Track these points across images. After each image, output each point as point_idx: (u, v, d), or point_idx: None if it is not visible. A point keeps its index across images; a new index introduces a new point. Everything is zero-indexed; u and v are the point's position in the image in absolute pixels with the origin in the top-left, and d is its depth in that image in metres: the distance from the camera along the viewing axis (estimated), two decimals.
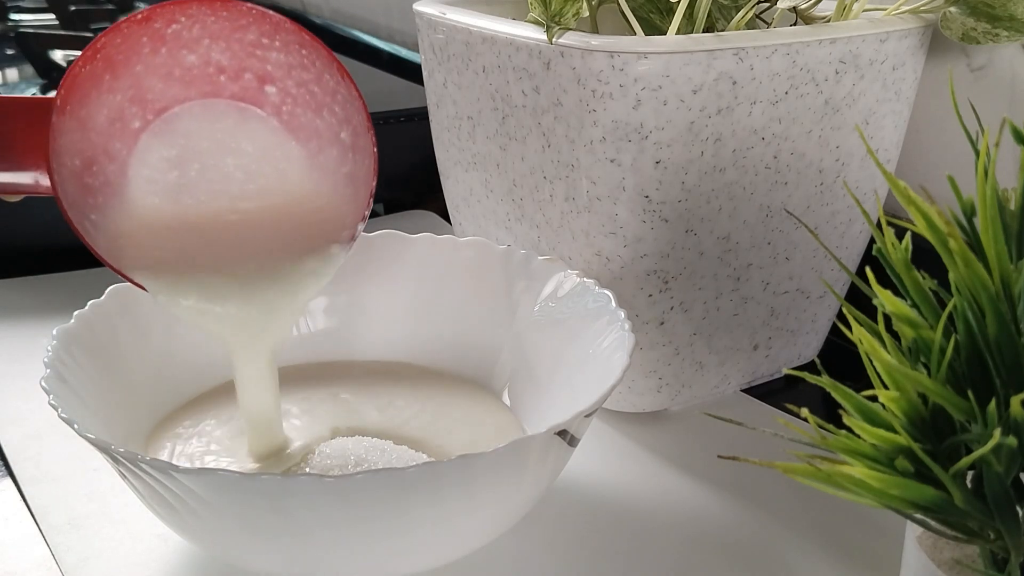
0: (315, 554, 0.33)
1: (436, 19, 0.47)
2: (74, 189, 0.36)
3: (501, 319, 0.45)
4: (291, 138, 0.39)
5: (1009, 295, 0.24)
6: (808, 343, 0.50)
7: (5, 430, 0.46)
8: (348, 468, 0.38)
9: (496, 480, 0.33)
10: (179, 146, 0.38)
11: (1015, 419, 0.22)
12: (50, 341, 0.38)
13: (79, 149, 0.36)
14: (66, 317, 0.40)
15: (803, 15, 0.45)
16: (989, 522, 0.24)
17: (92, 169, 0.37)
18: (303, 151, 0.39)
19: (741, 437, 0.44)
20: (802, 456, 0.24)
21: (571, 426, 0.34)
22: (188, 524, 0.33)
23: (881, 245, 0.26)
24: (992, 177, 0.24)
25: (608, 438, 0.45)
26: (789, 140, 0.42)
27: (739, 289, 0.45)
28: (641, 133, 0.40)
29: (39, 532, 0.39)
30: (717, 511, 0.41)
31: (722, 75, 0.39)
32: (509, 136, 0.45)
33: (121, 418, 0.39)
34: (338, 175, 0.39)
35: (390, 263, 0.47)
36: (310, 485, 0.30)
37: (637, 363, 0.45)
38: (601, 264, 0.43)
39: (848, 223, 0.47)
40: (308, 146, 0.39)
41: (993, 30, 0.42)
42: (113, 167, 0.37)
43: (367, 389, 0.45)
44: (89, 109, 0.36)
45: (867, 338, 0.24)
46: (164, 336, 0.43)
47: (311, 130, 0.39)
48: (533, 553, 0.38)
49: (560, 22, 0.40)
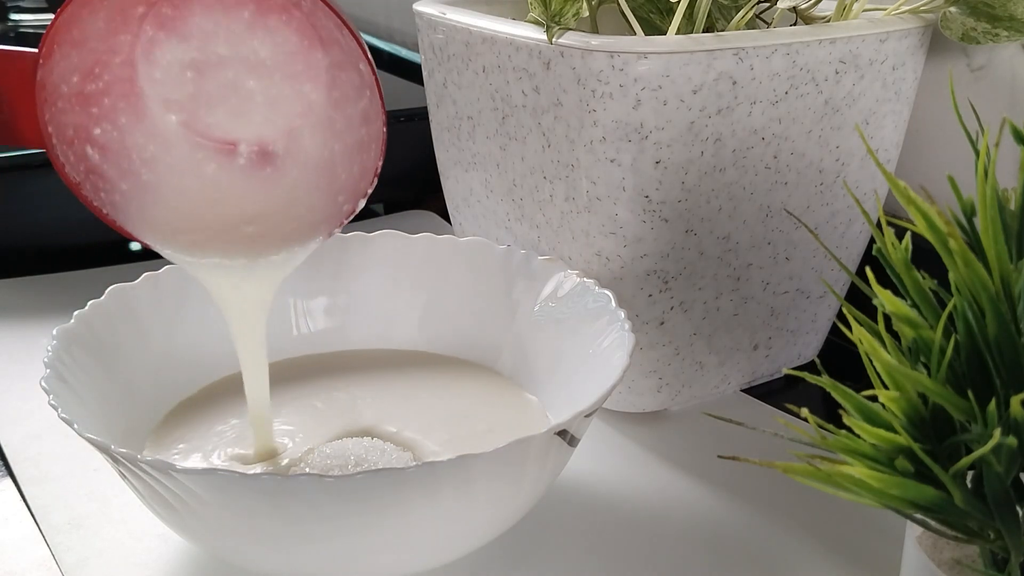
0: (315, 554, 0.33)
1: (436, 19, 0.47)
2: (74, 115, 0.34)
3: (501, 319, 0.45)
4: (316, 46, 0.35)
5: (1009, 295, 0.24)
6: (808, 343, 0.50)
7: (5, 430, 0.46)
8: (348, 468, 0.38)
9: (496, 480, 0.33)
10: (193, 48, 0.35)
11: (1015, 419, 0.22)
12: (50, 341, 0.38)
13: (76, 67, 0.34)
14: (66, 317, 0.40)
15: (803, 15, 0.45)
16: (989, 522, 0.24)
17: (94, 72, 0.34)
18: (326, 66, 0.36)
19: (741, 437, 0.44)
20: (802, 456, 0.24)
21: (571, 426, 0.34)
22: (188, 524, 0.33)
23: (881, 245, 0.26)
24: (992, 177, 0.24)
25: (608, 438, 0.45)
26: (789, 140, 0.42)
27: (739, 289, 0.45)
28: (641, 133, 0.40)
29: (39, 532, 0.39)
30: (717, 511, 0.41)
31: (722, 75, 0.39)
32: (509, 136, 0.45)
33: (121, 418, 0.39)
34: (355, 112, 0.36)
35: (390, 263, 0.47)
36: (310, 485, 0.30)
37: (637, 363, 0.45)
38: (601, 264, 0.43)
39: (848, 223, 0.47)
40: (331, 56, 0.35)
41: (993, 30, 0.42)
42: (119, 60, 0.35)
43: (367, 389, 0.45)
44: (82, 27, 0.34)
45: (867, 338, 0.24)
46: (164, 336, 0.43)
47: (332, 40, 0.35)
48: (533, 553, 0.38)
49: (560, 22, 0.40)
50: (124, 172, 0.36)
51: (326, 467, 0.38)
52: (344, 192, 0.37)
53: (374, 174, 0.37)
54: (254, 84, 0.35)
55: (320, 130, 0.37)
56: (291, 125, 0.36)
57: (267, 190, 0.37)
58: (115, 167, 0.36)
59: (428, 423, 0.42)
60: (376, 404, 0.43)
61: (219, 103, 0.36)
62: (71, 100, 0.35)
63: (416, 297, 0.47)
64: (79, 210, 0.36)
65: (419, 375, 0.46)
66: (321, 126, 0.36)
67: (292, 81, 0.36)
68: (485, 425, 0.42)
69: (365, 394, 0.44)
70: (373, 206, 0.74)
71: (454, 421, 0.42)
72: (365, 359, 0.47)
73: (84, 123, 0.35)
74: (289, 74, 0.36)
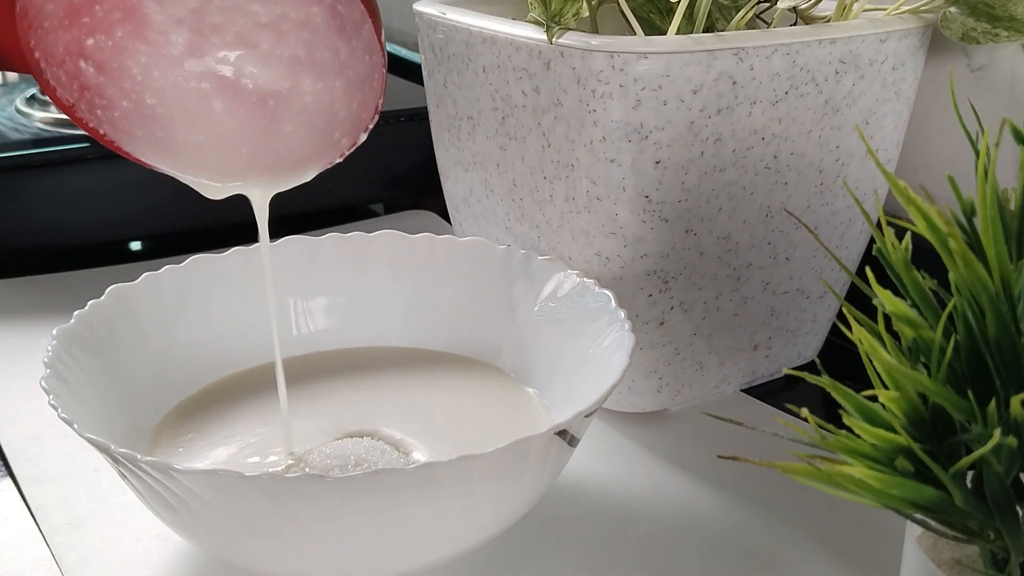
0: (315, 554, 0.33)
1: (436, 19, 0.47)
2: (64, 32, 0.33)
3: (501, 319, 0.45)
4: None
5: (1009, 295, 0.24)
6: (808, 343, 0.50)
7: (5, 430, 0.46)
8: (348, 468, 0.38)
9: (496, 480, 0.33)
10: None
11: (1015, 419, 0.22)
12: (50, 341, 0.38)
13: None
14: (66, 317, 0.40)
15: (803, 15, 0.45)
16: (989, 522, 0.24)
17: None
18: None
19: (741, 437, 0.44)
20: (802, 456, 0.24)
21: (571, 426, 0.34)
22: (188, 524, 0.33)
23: (881, 245, 0.26)
24: (992, 177, 0.24)
25: (608, 438, 0.45)
26: (789, 140, 0.42)
27: (739, 289, 0.45)
28: (641, 133, 0.40)
29: (39, 532, 0.39)
30: (717, 511, 0.41)
31: (722, 75, 0.39)
32: (509, 136, 0.45)
33: (121, 418, 0.39)
34: (359, 47, 0.36)
35: (390, 263, 0.47)
36: (310, 485, 0.30)
37: (637, 363, 0.45)
38: (601, 264, 0.43)
39: (848, 223, 0.47)
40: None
41: (993, 30, 0.42)
42: None
43: (366, 389, 0.45)
44: None
45: (867, 338, 0.24)
46: (164, 336, 0.43)
47: None
48: (533, 553, 0.38)
49: (560, 22, 0.40)
50: (124, 89, 0.35)
51: (326, 467, 0.38)
52: (343, 127, 0.37)
53: (375, 110, 0.37)
54: (257, 6, 0.35)
55: (324, 60, 0.36)
56: (296, 52, 0.36)
57: (272, 117, 0.36)
58: (113, 83, 0.35)
59: (428, 423, 0.42)
60: (376, 404, 0.43)
61: (223, 20, 0.35)
62: (59, 16, 0.33)
63: (416, 297, 0.47)
64: (79, 210, 0.36)
65: (419, 375, 0.46)
66: (326, 54, 0.36)
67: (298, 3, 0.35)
68: (485, 425, 0.42)
69: (364, 394, 0.44)
70: (373, 206, 0.74)
71: (454, 421, 0.42)
72: (365, 359, 0.47)
73: (76, 36, 0.34)
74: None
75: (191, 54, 0.35)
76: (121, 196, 0.61)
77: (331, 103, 0.36)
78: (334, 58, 0.36)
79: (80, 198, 0.61)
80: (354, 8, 0.35)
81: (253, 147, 0.37)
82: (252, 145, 0.37)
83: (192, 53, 0.35)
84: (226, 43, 0.35)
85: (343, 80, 0.36)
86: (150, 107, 0.36)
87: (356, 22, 0.36)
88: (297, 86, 0.36)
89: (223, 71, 0.35)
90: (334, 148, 0.37)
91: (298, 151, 0.37)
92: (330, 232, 0.48)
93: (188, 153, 0.37)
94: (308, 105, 0.36)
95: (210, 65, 0.35)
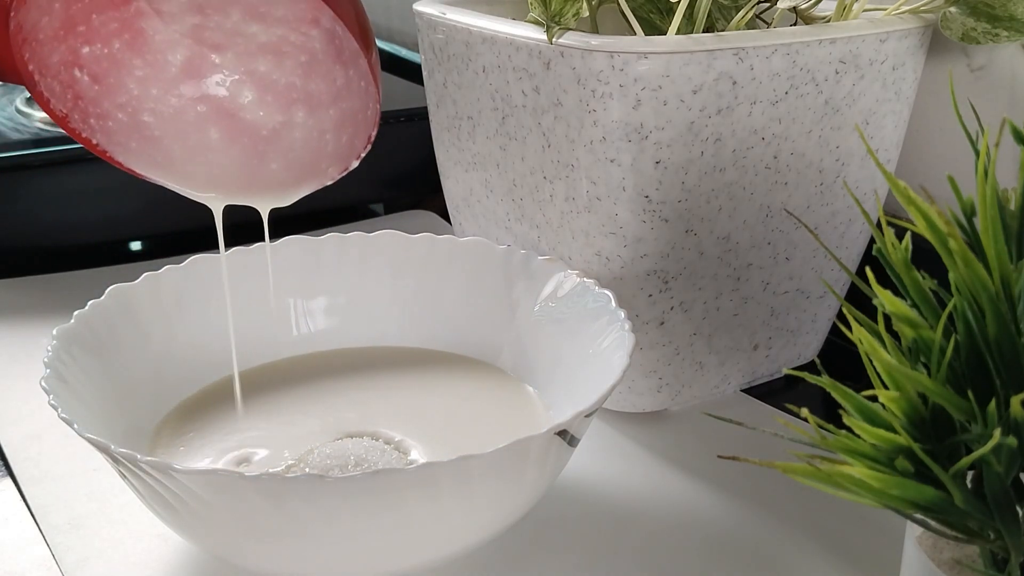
0: (315, 554, 0.33)
1: (436, 19, 0.47)
2: (59, 43, 0.33)
3: (501, 319, 0.45)
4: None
5: (1009, 295, 0.24)
6: (808, 343, 0.50)
7: (5, 430, 0.46)
8: (348, 468, 0.38)
9: (496, 480, 0.33)
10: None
11: (1015, 419, 0.22)
12: (50, 341, 0.38)
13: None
14: (66, 317, 0.40)
15: (803, 15, 0.45)
16: (989, 522, 0.24)
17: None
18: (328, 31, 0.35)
19: (741, 437, 0.44)
20: (802, 456, 0.24)
21: (571, 426, 0.34)
22: (188, 524, 0.33)
23: (881, 245, 0.26)
24: (992, 177, 0.24)
25: (608, 438, 0.45)
26: (789, 140, 0.42)
27: (739, 289, 0.45)
28: (641, 133, 0.40)
29: (39, 532, 0.39)
30: (717, 511, 0.41)
31: (722, 75, 0.39)
32: (509, 136, 0.45)
33: (121, 418, 0.39)
34: (358, 70, 0.36)
35: (390, 263, 0.47)
36: (310, 485, 0.30)
37: (637, 363, 0.45)
38: (601, 264, 0.43)
39: (848, 223, 0.47)
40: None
41: (993, 30, 0.42)
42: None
43: (367, 389, 0.45)
44: None
45: (867, 338, 0.24)
46: (164, 336, 0.43)
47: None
48: (533, 553, 0.38)
49: (560, 22, 0.40)
50: (119, 103, 0.35)
51: (326, 467, 0.38)
52: (331, 158, 0.38)
53: (367, 140, 0.37)
54: (256, 28, 0.35)
55: (320, 78, 0.36)
56: (293, 80, 0.36)
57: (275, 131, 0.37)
58: (107, 93, 0.35)
59: (428, 422, 0.42)
60: (376, 404, 0.43)
61: (223, 39, 0.35)
62: (54, 28, 0.34)
63: (416, 297, 0.47)
64: (79, 210, 0.36)
65: (419, 375, 0.46)
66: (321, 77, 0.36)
67: (295, 24, 0.35)
68: (485, 425, 0.42)
69: (364, 394, 0.44)
70: (373, 206, 0.74)
71: (454, 420, 0.42)
72: (365, 359, 0.47)
73: (71, 46, 0.34)
74: (290, 18, 0.35)
75: (188, 70, 0.35)
76: (121, 196, 0.61)
77: (322, 134, 0.37)
78: (330, 87, 0.36)
79: (80, 198, 0.61)
80: (350, 37, 0.36)
81: (245, 169, 0.37)
82: (244, 167, 0.37)
83: (190, 70, 0.35)
84: (226, 61, 0.35)
85: (337, 110, 0.37)
86: (145, 121, 0.36)
87: (354, 51, 0.36)
88: (291, 118, 0.36)
89: (220, 93, 0.36)
90: (323, 176, 0.38)
91: (288, 176, 0.38)
92: (330, 232, 0.48)
93: (179, 167, 0.37)
94: (298, 138, 0.37)
95: (208, 86, 0.35)
